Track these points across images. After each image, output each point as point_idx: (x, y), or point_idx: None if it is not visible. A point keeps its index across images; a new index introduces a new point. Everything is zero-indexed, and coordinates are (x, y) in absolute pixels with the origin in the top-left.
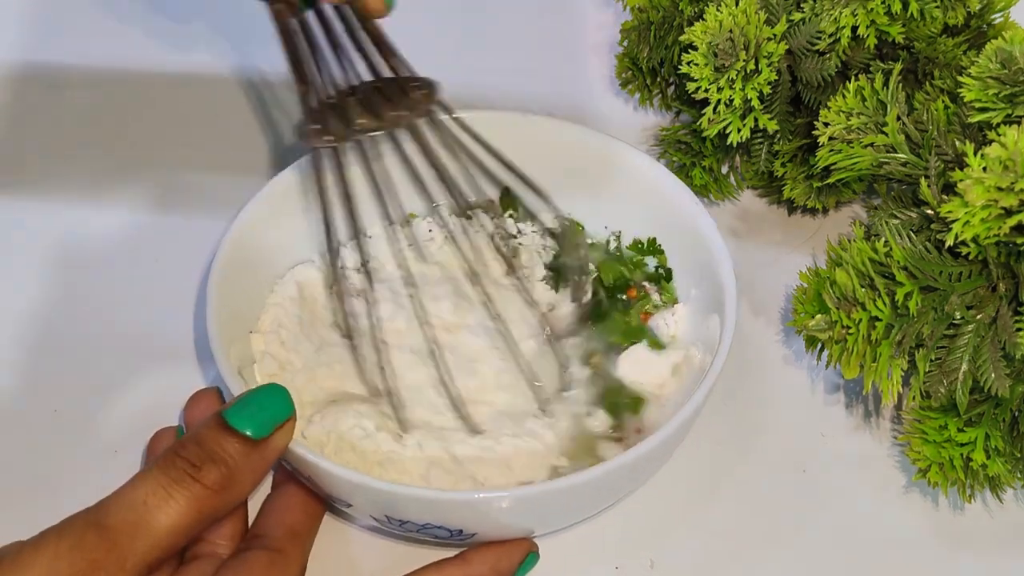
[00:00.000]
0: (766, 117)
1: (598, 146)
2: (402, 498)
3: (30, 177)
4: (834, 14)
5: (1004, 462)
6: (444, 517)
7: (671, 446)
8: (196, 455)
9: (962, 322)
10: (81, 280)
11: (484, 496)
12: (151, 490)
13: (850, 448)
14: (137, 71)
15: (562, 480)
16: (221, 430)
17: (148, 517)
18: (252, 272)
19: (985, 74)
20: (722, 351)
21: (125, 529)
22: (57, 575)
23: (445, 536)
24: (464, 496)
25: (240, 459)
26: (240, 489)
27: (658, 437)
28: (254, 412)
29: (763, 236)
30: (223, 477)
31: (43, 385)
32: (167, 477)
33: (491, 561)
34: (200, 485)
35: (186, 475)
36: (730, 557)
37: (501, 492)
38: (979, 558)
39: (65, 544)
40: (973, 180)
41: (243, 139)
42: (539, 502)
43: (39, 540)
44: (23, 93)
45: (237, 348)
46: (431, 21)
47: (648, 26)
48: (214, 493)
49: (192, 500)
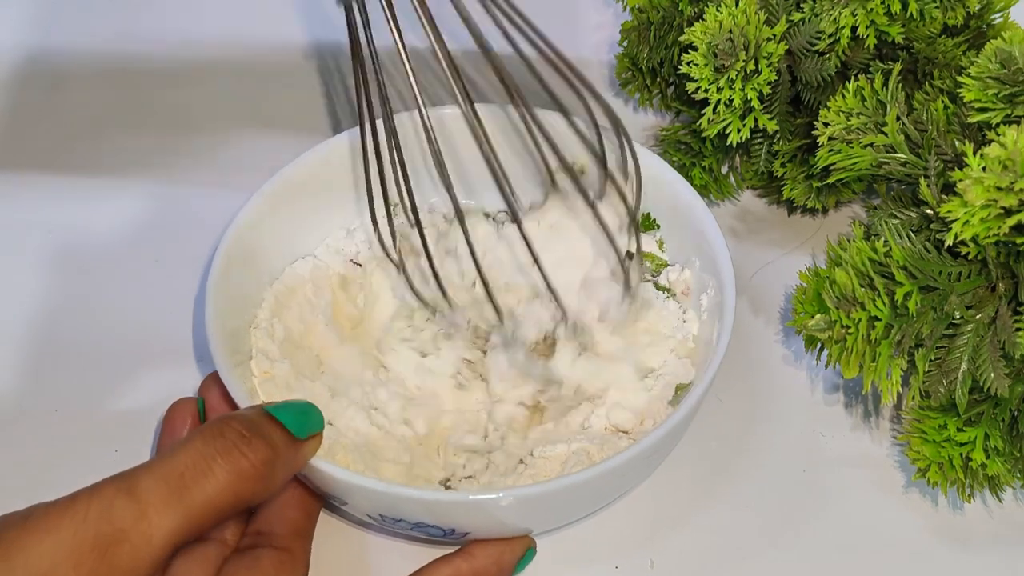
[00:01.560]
0: (766, 117)
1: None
2: (395, 498)
3: (31, 177)
4: (834, 14)
5: (1003, 462)
6: (437, 517)
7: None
8: (247, 427)
9: (961, 322)
10: (81, 280)
11: (476, 498)
12: (191, 461)
13: (850, 448)
14: (138, 70)
15: (554, 482)
16: (267, 416)
17: (183, 490)
18: (252, 269)
19: (985, 74)
20: (720, 348)
21: (156, 501)
22: (83, 540)
23: (439, 535)
24: (456, 497)
25: (283, 448)
26: (273, 483)
27: (651, 439)
28: (295, 415)
29: (763, 236)
30: (268, 458)
31: (43, 385)
32: (212, 447)
33: (495, 555)
34: (247, 461)
35: (234, 447)
36: (730, 557)
37: (493, 494)
38: (979, 558)
39: (95, 509)
40: (972, 180)
41: (243, 138)
42: (533, 503)
43: (69, 501)
44: (24, 92)
45: (235, 343)
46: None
47: (648, 26)
48: (255, 475)
49: (233, 477)
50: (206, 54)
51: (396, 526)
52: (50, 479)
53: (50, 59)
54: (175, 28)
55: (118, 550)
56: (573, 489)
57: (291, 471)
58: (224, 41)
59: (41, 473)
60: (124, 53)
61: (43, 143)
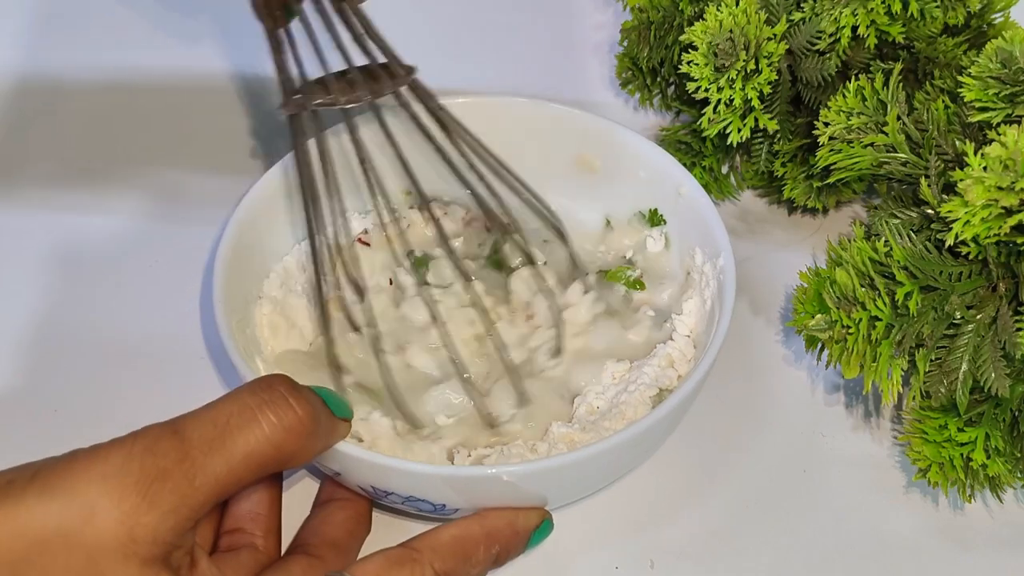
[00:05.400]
0: (766, 117)
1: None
2: (383, 469)
3: (30, 181)
4: (834, 14)
5: (1004, 462)
6: (425, 490)
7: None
8: (294, 385)
9: (962, 322)
10: (81, 281)
11: (457, 473)
12: (237, 410)
13: (850, 448)
14: (135, 76)
15: (543, 461)
16: (310, 389)
17: (227, 436)
18: (252, 262)
19: (985, 74)
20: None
21: (201, 444)
22: (127, 474)
23: (429, 509)
24: (444, 471)
25: (323, 415)
26: (313, 446)
27: (644, 423)
28: (331, 397)
29: (763, 236)
30: (314, 416)
31: (43, 385)
32: (259, 398)
33: (508, 517)
34: (294, 414)
35: (283, 398)
36: (730, 557)
37: (480, 470)
38: (979, 558)
39: (139, 446)
40: (973, 180)
41: (239, 142)
42: (519, 479)
43: (116, 440)
44: (23, 99)
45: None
46: (431, 21)
47: (648, 26)
48: (301, 430)
49: (277, 429)
50: (203, 59)
51: (389, 500)
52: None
53: (49, 66)
54: (171, 34)
55: (160, 488)
56: (557, 471)
57: (327, 443)
58: (220, 45)
59: None
60: (124, 55)
61: (42, 148)
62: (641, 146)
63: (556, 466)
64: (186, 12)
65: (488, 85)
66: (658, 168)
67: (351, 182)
